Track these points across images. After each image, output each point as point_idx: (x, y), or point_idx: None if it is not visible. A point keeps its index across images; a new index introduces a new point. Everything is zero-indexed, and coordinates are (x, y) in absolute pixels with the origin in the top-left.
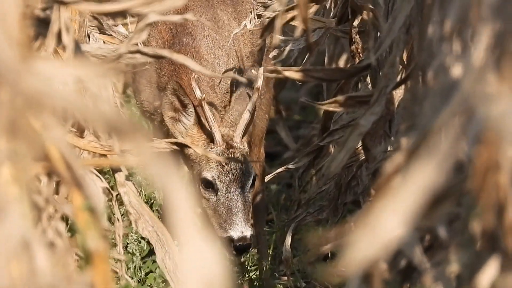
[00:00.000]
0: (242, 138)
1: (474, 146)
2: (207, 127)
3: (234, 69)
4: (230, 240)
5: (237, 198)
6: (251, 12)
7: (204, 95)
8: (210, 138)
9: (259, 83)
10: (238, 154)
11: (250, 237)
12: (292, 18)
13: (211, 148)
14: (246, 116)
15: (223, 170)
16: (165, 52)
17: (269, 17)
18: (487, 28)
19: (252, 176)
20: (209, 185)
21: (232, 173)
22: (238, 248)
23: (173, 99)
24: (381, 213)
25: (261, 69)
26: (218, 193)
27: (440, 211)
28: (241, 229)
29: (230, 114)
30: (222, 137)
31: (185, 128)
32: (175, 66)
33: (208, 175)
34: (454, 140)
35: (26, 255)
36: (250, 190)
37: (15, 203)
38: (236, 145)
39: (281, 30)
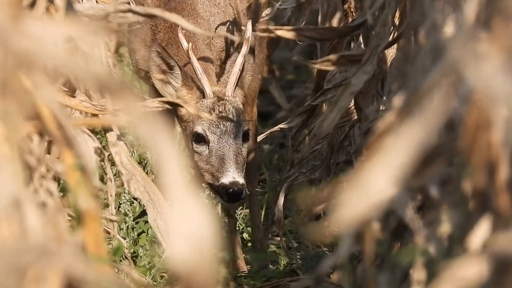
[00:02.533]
0: (234, 91)
1: (465, 105)
2: (196, 78)
3: (228, 24)
4: (222, 187)
5: (229, 148)
6: None
7: (190, 44)
8: (201, 94)
9: (248, 34)
10: (229, 106)
11: (242, 184)
12: None
13: (202, 101)
14: (235, 69)
15: (214, 122)
16: (157, 11)
17: None
18: None
19: (243, 127)
20: (200, 138)
21: (224, 124)
22: (230, 194)
23: (158, 61)
24: (373, 172)
25: (250, 23)
26: (210, 144)
27: (431, 170)
28: (233, 175)
29: (226, 77)
30: (213, 91)
31: (175, 90)
32: (170, 23)
33: (199, 128)
34: (445, 99)
35: (17, 215)
36: (244, 144)
37: (7, 162)
38: (227, 98)
39: None
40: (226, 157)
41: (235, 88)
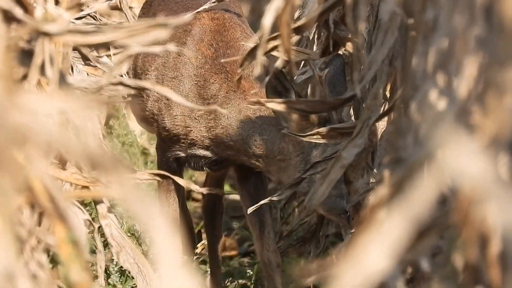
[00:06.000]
0: None
1: (457, 182)
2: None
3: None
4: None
5: None
6: None
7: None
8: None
9: None
10: None
11: None
12: (274, 48)
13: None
14: None
15: None
16: (147, 84)
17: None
18: (471, 60)
19: None
20: None
21: None
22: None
23: (275, 83)
24: (365, 246)
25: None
26: None
27: (423, 244)
28: None
29: None
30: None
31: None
32: (226, 74)
33: None
34: (437, 173)
35: (10, 287)
36: None
37: None
38: None
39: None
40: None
41: None
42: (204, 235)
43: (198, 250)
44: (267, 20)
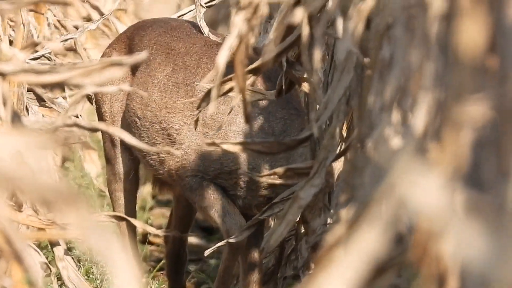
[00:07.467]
0: None
1: (414, 218)
2: None
3: None
4: None
5: None
6: None
7: None
8: None
9: None
10: None
11: None
12: (230, 89)
13: None
14: None
15: None
16: (102, 126)
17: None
18: (427, 97)
19: None
20: None
21: None
22: None
23: None
24: (323, 285)
25: None
26: None
27: (381, 282)
28: None
29: None
30: None
31: None
32: None
33: None
34: (394, 211)
35: None
36: None
37: None
38: None
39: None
40: None
41: None
42: (160, 278)
43: None
44: (221, 59)
